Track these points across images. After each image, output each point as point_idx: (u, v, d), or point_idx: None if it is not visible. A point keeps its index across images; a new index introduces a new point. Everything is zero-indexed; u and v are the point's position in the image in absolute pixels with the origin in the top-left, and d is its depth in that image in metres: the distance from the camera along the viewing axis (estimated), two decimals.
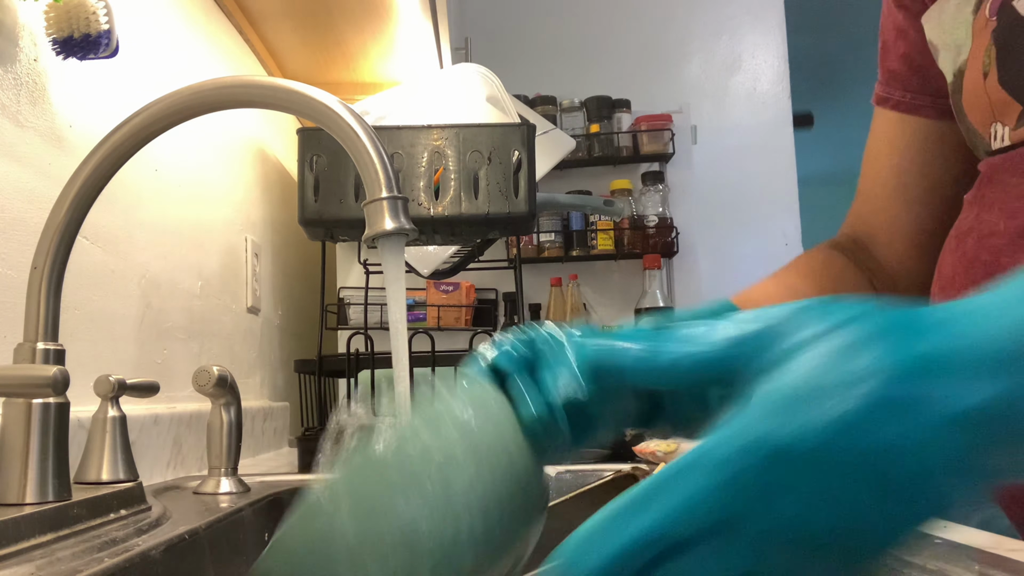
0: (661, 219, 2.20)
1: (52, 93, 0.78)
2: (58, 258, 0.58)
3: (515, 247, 1.40)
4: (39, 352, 0.56)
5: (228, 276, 1.30)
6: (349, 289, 1.79)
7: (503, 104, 1.31)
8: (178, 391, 1.06)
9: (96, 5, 0.70)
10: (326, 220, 1.09)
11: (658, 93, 2.85)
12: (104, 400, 0.70)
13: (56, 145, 0.79)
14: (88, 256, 0.85)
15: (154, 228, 1.02)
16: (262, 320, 1.49)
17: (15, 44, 0.73)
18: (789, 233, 2.99)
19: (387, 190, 0.49)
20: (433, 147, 1.09)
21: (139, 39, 0.98)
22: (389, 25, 1.40)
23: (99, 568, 0.47)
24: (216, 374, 0.79)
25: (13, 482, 0.54)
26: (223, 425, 0.81)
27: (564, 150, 1.46)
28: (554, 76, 2.87)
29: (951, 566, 0.41)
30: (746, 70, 3.11)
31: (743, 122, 3.06)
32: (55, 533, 0.53)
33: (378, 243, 0.48)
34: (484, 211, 1.08)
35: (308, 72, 1.58)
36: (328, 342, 1.57)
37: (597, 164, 2.27)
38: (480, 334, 1.28)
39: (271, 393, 1.54)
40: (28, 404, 0.55)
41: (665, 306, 2.06)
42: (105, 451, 0.68)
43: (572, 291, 2.13)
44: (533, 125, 1.15)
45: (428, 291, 1.81)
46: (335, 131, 0.51)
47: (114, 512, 0.62)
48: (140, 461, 0.76)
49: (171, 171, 1.08)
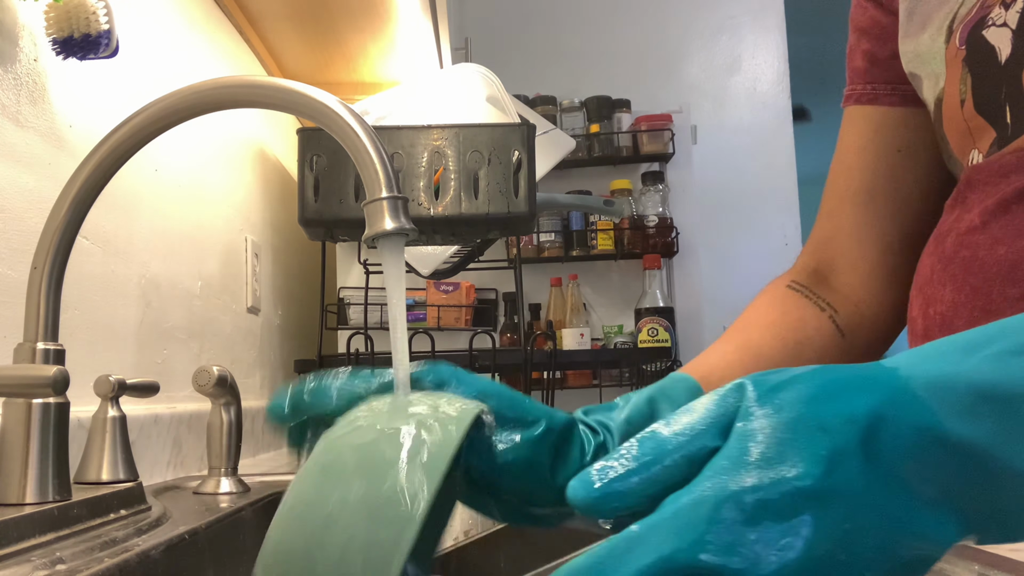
0: (661, 219, 2.20)
1: (52, 93, 0.78)
2: (58, 258, 0.58)
3: (515, 247, 1.40)
4: (39, 352, 0.56)
5: (228, 276, 1.30)
6: (349, 289, 1.79)
7: (503, 104, 1.31)
8: (178, 391, 1.06)
9: (96, 5, 0.70)
10: (326, 220, 1.09)
11: (658, 93, 2.85)
12: (104, 400, 0.70)
13: (56, 145, 0.79)
14: (88, 256, 0.85)
15: (154, 228, 1.02)
16: (262, 320, 1.49)
17: (15, 44, 0.73)
18: (789, 233, 2.99)
19: (387, 190, 0.48)
20: (433, 147, 1.09)
21: (139, 39, 0.98)
22: (389, 25, 1.40)
23: (99, 568, 0.47)
24: (216, 374, 0.79)
25: (13, 482, 0.54)
26: (223, 425, 0.81)
27: (564, 150, 1.47)
28: (554, 76, 2.87)
29: (951, 566, 0.41)
30: (746, 70, 3.11)
31: (743, 122, 3.06)
32: (55, 533, 0.53)
33: (378, 243, 0.48)
34: (484, 211, 1.08)
35: (308, 72, 1.58)
36: (328, 342, 1.57)
37: (597, 164, 2.27)
38: (480, 334, 1.28)
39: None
40: (28, 404, 0.55)
41: (665, 306, 2.06)
42: (105, 451, 0.68)
43: (572, 291, 2.13)
44: (533, 125, 1.15)
45: (428, 291, 1.81)
46: (335, 131, 0.51)
47: (114, 512, 0.62)
48: (140, 461, 0.76)
49: (171, 171, 1.08)
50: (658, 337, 1.99)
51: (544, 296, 2.17)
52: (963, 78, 0.58)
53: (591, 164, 2.27)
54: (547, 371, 1.40)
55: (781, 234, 2.97)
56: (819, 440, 0.26)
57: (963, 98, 0.58)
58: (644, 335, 2.00)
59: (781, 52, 3.11)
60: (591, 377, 1.98)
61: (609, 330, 2.18)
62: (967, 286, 0.56)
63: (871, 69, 0.72)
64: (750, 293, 0.74)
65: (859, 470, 0.26)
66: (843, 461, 0.26)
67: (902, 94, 0.70)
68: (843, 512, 0.25)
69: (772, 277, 0.76)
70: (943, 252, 0.60)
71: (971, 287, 0.56)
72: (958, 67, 0.59)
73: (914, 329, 0.62)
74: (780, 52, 3.11)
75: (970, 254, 0.57)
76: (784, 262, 0.78)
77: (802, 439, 0.26)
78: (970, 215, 0.57)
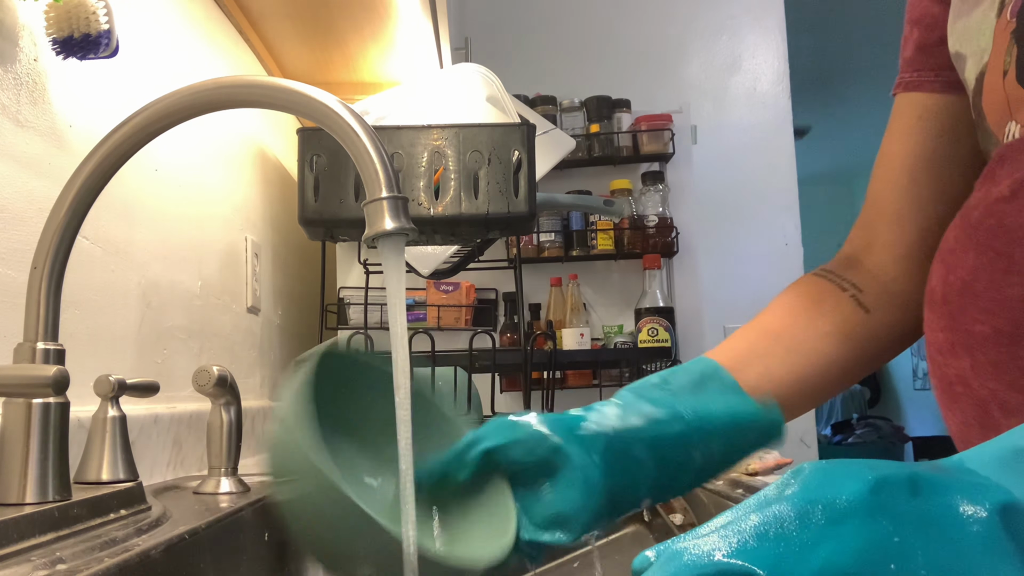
0: (661, 219, 2.20)
1: (52, 93, 0.78)
2: (58, 258, 0.58)
3: (515, 247, 1.40)
4: (39, 352, 0.56)
5: (228, 276, 1.30)
6: (349, 289, 1.79)
7: (503, 104, 1.31)
8: (178, 391, 1.06)
9: (96, 5, 0.70)
10: (326, 220, 1.09)
11: (658, 93, 2.85)
12: (104, 400, 0.70)
13: (56, 145, 0.79)
14: (88, 256, 0.85)
15: (154, 228, 1.02)
16: (262, 320, 1.49)
17: (15, 44, 0.73)
18: (789, 233, 2.99)
19: (387, 190, 0.48)
20: (433, 147, 1.09)
21: (139, 39, 0.98)
22: (389, 25, 1.40)
23: (99, 568, 0.47)
24: (216, 374, 0.79)
25: (13, 482, 0.54)
26: (223, 425, 0.81)
27: (564, 150, 1.47)
28: (554, 76, 2.87)
29: None
30: (746, 70, 3.11)
31: (743, 122, 3.06)
32: (55, 533, 0.53)
33: (378, 243, 0.48)
34: (484, 211, 1.08)
35: (308, 72, 1.58)
36: None
37: (597, 164, 2.27)
38: (480, 334, 1.28)
39: (271, 393, 1.54)
40: (28, 404, 0.55)
41: (665, 306, 2.06)
42: (105, 451, 0.68)
43: (572, 291, 2.13)
44: (533, 125, 1.15)
45: (428, 291, 1.81)
46: (335, 131, 0.51)
47: (114, 512, 0.62)
48: (140, 461, 0.76)
49: (171, 171, 1.08)
50: (658, 337, 1.99)
51: (544, 296, 2.17)
52: (1009, 50, 0.58)
53: (591, 164, 2.27)
54: (547, 371, 1.40)
55: (781, 234, 2.97)
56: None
57: (1006, 69, 0.58)
58: (644, 335, 2.00)
59: (781, 52, 3.11)
60: (591, 377, 1.98)
61: (609, 330, 2.18)
62: (990, 250, 0.56)
63: (917, 57, 0.73)
64: (750, 293, 0.74)
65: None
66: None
67: (945, 80, 0.70)
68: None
69: (772, 277, 0.76)
70: (968, 223, 0.59)
71: (994, 251, 0.55)
72: (1005, 39, 0.59)
73: (932, 299, 0.62)
74: (780, 52, 3.11)
75: (996, 222, 0.56)
76: (784, 262, 0.78)
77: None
78: (999, 187, 0.57)
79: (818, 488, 0.28)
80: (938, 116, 0.71)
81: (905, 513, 0.27)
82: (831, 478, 0.28)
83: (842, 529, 0.27)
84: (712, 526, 0.29)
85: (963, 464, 0.30)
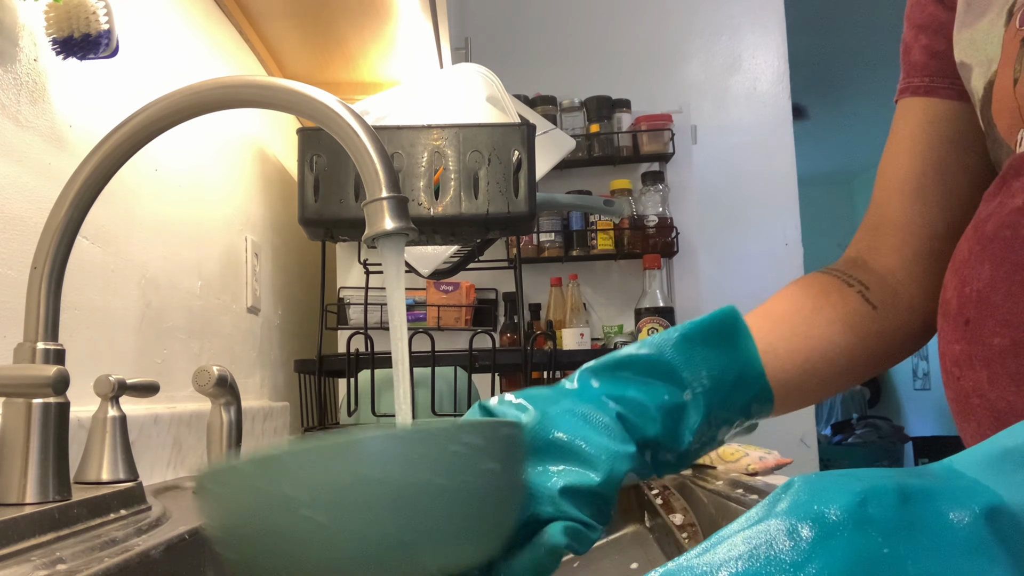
0: (661, 219, 2.20)
1: (52, 93, 0.78)
2: (58, 258, 0.58)
3: (515, 247, 1.40)
4: (39, 352, 0.56)
5: (228, 276, 1.30)
6: (349, 289, 1.79)
7: (503, 104, 1.31)
8: (178, 391, 1.06)
9: (96, 5, 0.70)
10: (326, 220, 1.09)
11: (658, 93, 2.85)
12: (104, 400, 0.70)
13: (56, 145, 0.79)
14: (88, 256, 0.85)
15: (154, 228, 1.02)
16: (262, 320, 1.49)
17: (15, 44, 0.73)
18: (789, 233, 2.99)
19: (387, 190, 0.49)
20: (433, 147, 1.09)
21: (139, 39, 0.98)
22: (389, 25, 1.40)
23: (99, 568, 0.47)
24: (216, 374, 0.79)
25: (13, 482, 0.54)
26: (223, 425, 0.81)
27: (564, 150, 1.46)
28: (554, 76, 2.87)
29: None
30: (746, 70, 3.11)
31: (743, 122, 3.06)
32: (55, 533, 0.53)
33: (378, 243, 0.48)
34: (484, 211, 1.08)
35: (308, 72, 1.58)
36: (328, 342, 1.57)
37: (597, 164, 2.27)
38: (480, 334, 1.28)
39: (271, 393, 1.54)
40: (28, 404, 0.55)
41: (665, 306, 2.06)
42: (105, 451, 0.68)
43: (572, 291, 2.13)
44: (533, 125, 1.15)
45: (428, 291, 1.81)
46: (335, 131, 0.51)
47: (114, 512, 0.62)
48: (140, 461, 0.76)
49: (171, 171, 1.08)
50: None
51: (544, 296, 2.17)
52: (1019, 58, 0.58)
53: (591, 164, 2.27)
54: (547, 371, 1.40)
55: (781, 234, 2.97)
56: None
57: (1016, 77, 0.58)
58: (644, 335, 2.00)
59: (781, 52, 3.11)
60: None
61: (609, 330, 2.18)
62: (1007, 263, 0.55)
63: (930, 62, 0.72)
64: (750, 293, 0.74)
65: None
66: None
67: (959, 89, 0.70)
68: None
69: (772, 277, 0.76)
70: (982, 234, 0.59)
71: (1011, 263, 0.55)
72: (1015, 48, 0.58)
73: (947, 311, 0.61)
74: (780, 52, 3.11)
75: (1012, 233, 0.56)
76: (784, 262, 0.78)
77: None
78: (1014, 200, 0.57)
79: (807, 503, 0.28)
80: (949, 122, 0.71)
81: (894, 523, 0.27)
82: (820, 492, 0.29)
83: (832, 543, 0.27)
84: (704, 547, 0.29)
85: (952, 467, 0.31)
